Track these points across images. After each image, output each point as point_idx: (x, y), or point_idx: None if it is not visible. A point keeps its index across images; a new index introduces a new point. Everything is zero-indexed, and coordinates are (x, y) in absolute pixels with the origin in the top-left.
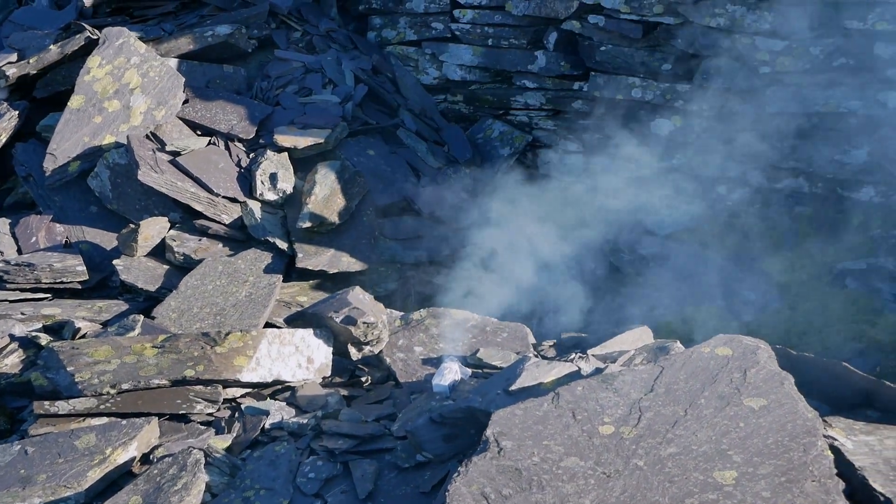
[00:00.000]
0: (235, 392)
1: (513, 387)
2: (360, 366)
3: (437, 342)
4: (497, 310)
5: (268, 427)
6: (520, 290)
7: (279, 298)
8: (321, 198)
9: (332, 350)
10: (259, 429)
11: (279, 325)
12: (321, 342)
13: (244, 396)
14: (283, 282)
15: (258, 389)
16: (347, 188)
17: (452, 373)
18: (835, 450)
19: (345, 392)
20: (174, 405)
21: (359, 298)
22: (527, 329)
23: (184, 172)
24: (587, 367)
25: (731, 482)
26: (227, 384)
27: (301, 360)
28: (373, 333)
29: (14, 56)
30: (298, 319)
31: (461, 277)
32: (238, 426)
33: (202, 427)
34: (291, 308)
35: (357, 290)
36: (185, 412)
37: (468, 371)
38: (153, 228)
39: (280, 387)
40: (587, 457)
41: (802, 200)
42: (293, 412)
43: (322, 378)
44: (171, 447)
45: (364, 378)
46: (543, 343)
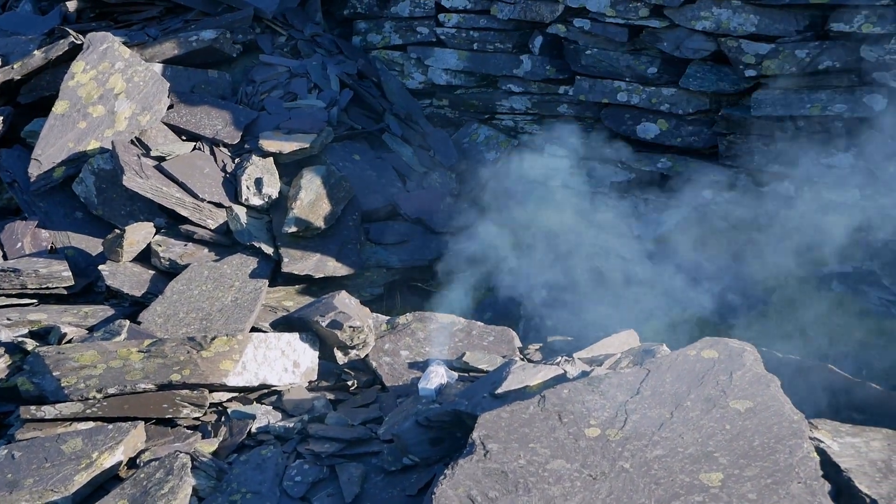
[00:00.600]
0: (222, 396)
1: (499, 390)
2: (347, 370)
3: (424, 346)
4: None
5: (254, 431)
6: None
7: (265, 303)
8: (307, 203)
9: (319, 354)
10: (245, 433)
11: (265, 330)
12: (307, 346)
13: (230, 401)
14: (269, 287)
15: (244, 394)
16: (333, 193)
17: (439, 376)
18: (821, 452)
19: (331, 396)
20: (160, 409)
21: (345, 303)
22: (513, 333)
23: (169, 178)
24: (573, 370)
25: (717, 484)
26: (214, 388)
27: (287, 365)
28: (359, 337)
29: None
30: (284, 324)
31: (447, 282)
32: (224, 430)
33: (189, 431)
34: (277, 313)
35: (343, 295)
36: (172, 416)
37: (454, 374)
38: (139, 234)
39: (266, 391)
40: (573, 459)
41: (788, 204)
42: (279, 416)
43: (308, 382)
44: (158, 451)
45: (350, 382)
46: (529, 346)
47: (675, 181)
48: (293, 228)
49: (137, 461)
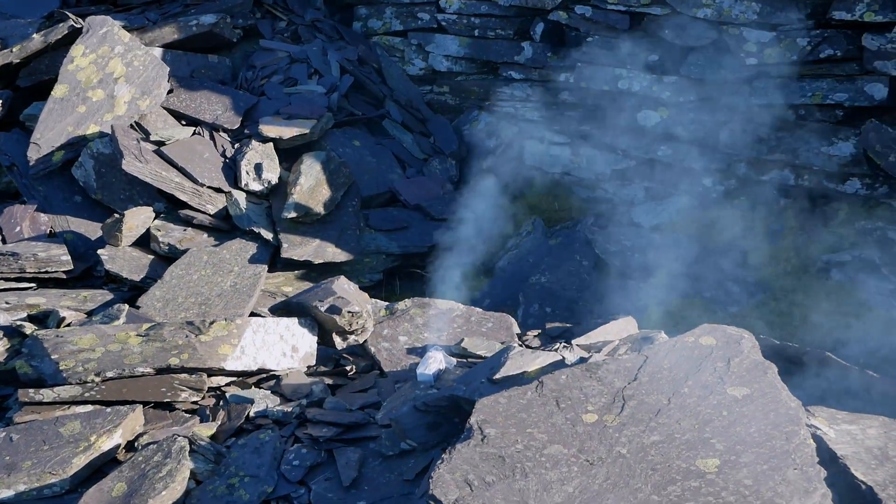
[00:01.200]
0: (220, 380)
1: (497, 375)
2: (345, 355)
3: (422, 332)
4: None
5: (252, 415)
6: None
7: (264, 289)
8: (306, 188)
9: (317, 339)
10: (244, 417)
11: (264, 315)
12: (306, 331)
13: (229, 385)
14: (268, 272)
15: (243, 378)
16: (333, 179)
17: (437, 362)
18: (817, 438)
19: (329, 381)
20: (159, 393)
21: (344, 288)
22: (511, 319)
23: (168, 162)
24: (571, 357)
25: (714, 470)
26: (212, 372)
27: (286, 349)
28: (357, 323)
29: None
30: (283, 309)
31: (444, 267)
32: (223, 414)
33: (187, 415)
34: (276, 298)
35: (342, 280)
36: (170, 400)
37: (453, 360)
38: (138, 218)
39: (265, 375)
40: (570, 444)
41: (789, 193)
42: (278, 400)
43: (307, 367)
44: (156, 435)
45: (349, 367)
46: (528, 333)
47: (676, 169)
48: (293, 214)
49: (135, 444)
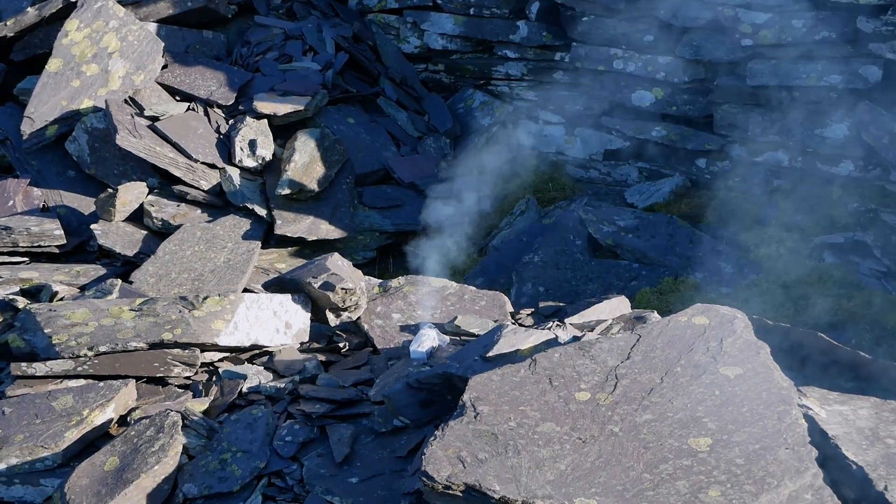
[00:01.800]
0: (213, 356)
1: (490, 353)
2: (338, 332)
3: (415, 309)
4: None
5: (245, 391)
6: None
7: (257, 265)
8: (300, 165)
9: (310, 316)
10: (236, 392)
11: (257, 291)
12: (299, 307)
13: (222, 360)
14: (262, 248)
15: (236, 353)
16: (327, 156)
17: (430, 339)
18: (809, 419)
19: (322, 357)
20: (152, 368)
21: (337, 265)
22: (505, 297)
23: (162, 138)
24: (564, 335)
25: (706, 449)
26: (205, 348)
27: (279, 325)
28: (351, 300)
29: None
30: (277, 285)
31: (438, 245)
32: (215, 390)
33: (180, 390)
34: (270, 274)
35: (336, 257)
36: (163, 375)
37: (446, 338)
38: (131, 193)
39: (258, 351)
40: (563, 422)
41: (782, 174)
42: (271, 376)
43: (300, 343)
44: (149, 409)
45: (342, 344)
46: (521, 311)
47: (670, 149)
48: (287, 190)
49: (128, 419)
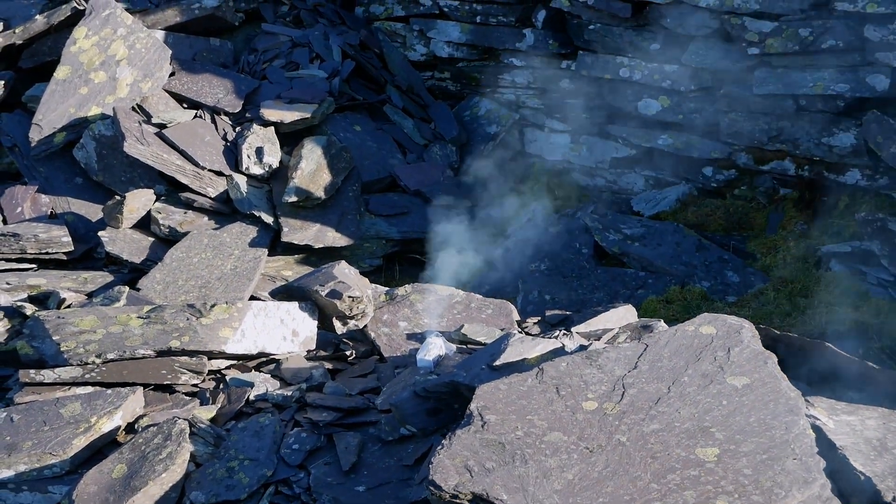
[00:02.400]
0: (220, 363)
1: (497, 362)
2: (345, 340)
3: (422, 317)
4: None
5: (252, 398)
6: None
7: (264, 272)
8: (307, 172)
9: (317, 324)
10: (244, 400)
11: (264, 299)
12: (306, 315)
13: (229, 368)
14: (269, 256)
15: (243, 361)
16: (334, 163)
17: (437, 348)
18: (816, 429)
19: (329, 365)
20: (159, 375)
21: (344, 273)
22: (511, 306)
23: (170, 145)
24: (571, 344)
25: (714, 459)
26: (213, 355)
27: (286, 333)
28: (358, 307)
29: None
30: (284, 293)
31: (445, 254)
32: (223, 397)
33: (187, 398)
34: (276, 282)
35: (342, 265)
36: (170, 383)
37: (452, 346)
38: (139, 200)
39: (265, 359)
40: (570, 432)
41: (789, 183)
42: (278, 384)
43: (307, 351)
44: (156, 417)
45: (349, 352)
46: (528, 320)
47: (676, 157)
48: (293, 198)
49: (136, 426)
